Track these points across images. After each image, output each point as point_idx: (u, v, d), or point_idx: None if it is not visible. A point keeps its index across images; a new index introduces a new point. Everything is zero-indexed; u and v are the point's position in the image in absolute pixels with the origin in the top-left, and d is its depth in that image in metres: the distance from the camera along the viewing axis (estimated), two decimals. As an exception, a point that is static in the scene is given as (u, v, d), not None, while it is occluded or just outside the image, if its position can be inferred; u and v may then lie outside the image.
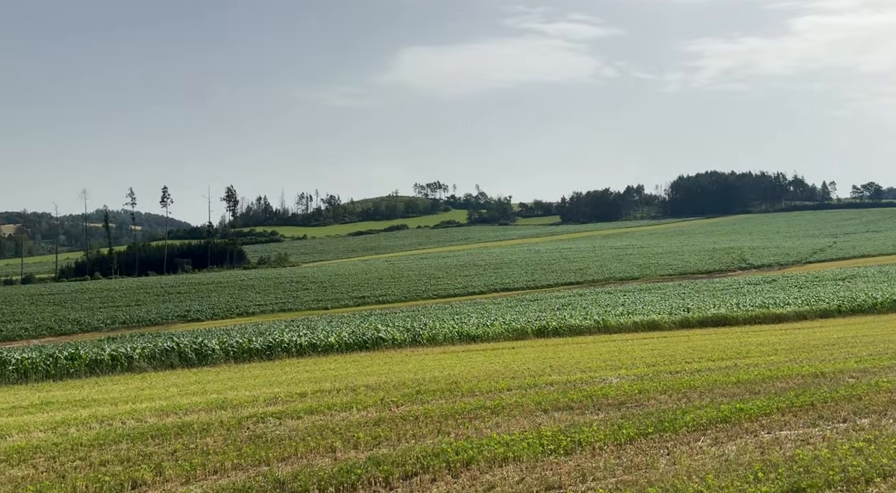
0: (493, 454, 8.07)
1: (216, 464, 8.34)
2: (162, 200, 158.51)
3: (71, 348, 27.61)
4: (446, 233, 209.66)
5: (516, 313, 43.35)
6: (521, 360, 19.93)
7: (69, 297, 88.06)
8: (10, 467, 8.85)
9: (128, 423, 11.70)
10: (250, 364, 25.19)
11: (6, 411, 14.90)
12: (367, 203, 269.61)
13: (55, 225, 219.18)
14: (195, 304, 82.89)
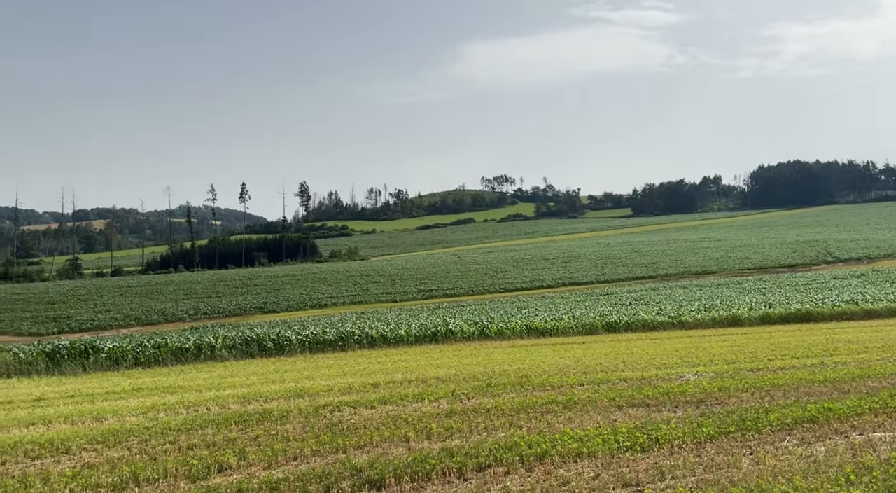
0: (567, 449, 8.00)
1: (296, 450, 8.63)
2: (240, 196, 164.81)
3: (158, 338, 29.18)
4: (513, 226, 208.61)
5: (586, 307, 42.69)
6: (592, 355, 19.64)
7: (155, 289, 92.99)
8: (107, 448, 9.45)
9: (212, 409, 12.28)
10: (324, 354, 25.91)
11: (101, 395, 15.91)
12: (435, 197, 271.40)
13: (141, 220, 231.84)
14: (271, 296, 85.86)
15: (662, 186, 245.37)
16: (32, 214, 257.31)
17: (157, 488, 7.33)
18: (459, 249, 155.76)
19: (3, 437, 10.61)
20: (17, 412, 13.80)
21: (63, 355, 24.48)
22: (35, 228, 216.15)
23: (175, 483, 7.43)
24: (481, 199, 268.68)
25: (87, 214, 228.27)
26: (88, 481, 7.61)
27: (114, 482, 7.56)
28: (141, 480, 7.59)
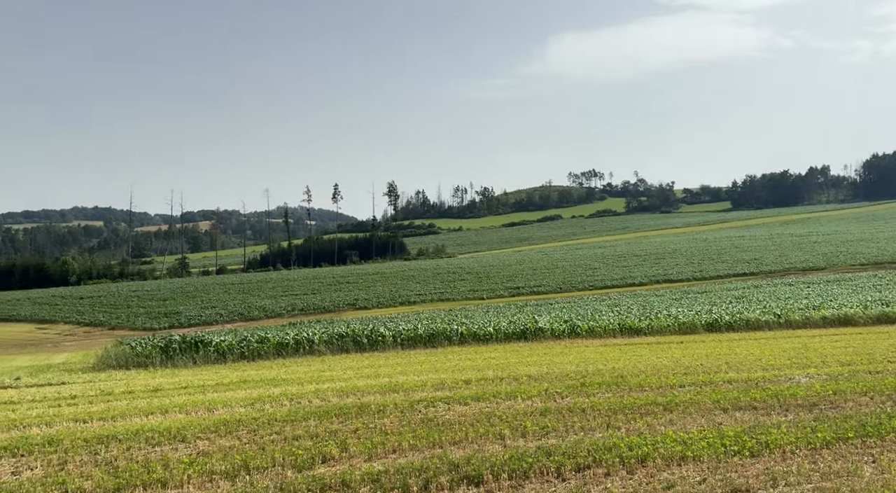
0: (670, 452, 7.74)
1: (394, 444, 8.83)
2: (333, 197, 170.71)
3: (260, 333, 30.66)
4: (602, 222, 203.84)
5: (682, 305, 41.09)
6: (691, 355, 18.88)
7: (255, 286, 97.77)
8: (219, 437, 10.02)
9: (314, 402, 12.76)
10: (415, 351, 26.34)
11: (211, 387, 16.90)
12: (521, 194, 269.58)
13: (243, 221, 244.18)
14: (362, 293, 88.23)
15: (765, 178, 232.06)
16: (145, 217, 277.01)
17: (266, 476, 7.69)
18: (546, 246, 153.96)
19: (126, 424, 11.49)
20: (137, 401, 14.90)
21: (175, 349, 26.20)
22: (147, 230, 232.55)
23: (283, 472, 7.78)
24: (568, 195, 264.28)
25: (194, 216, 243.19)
26: (204, 468, 8.09)
27: (227, 469, 8.01)
28: (251, 468, 8.00)
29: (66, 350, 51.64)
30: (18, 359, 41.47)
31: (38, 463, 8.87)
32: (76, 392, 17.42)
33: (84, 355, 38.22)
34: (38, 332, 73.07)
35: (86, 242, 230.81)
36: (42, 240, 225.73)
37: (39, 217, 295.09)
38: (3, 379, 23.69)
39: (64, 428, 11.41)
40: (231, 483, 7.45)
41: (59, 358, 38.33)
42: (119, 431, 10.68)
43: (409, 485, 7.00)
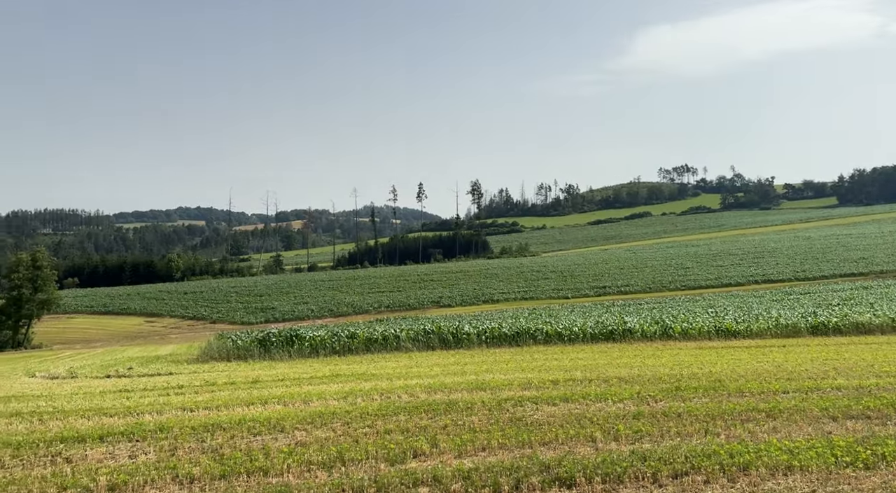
0: (775, 462, 7.34)
1: (483, 442, 8.85)
2: (417, 196, 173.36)
3: (350, 328, 31.56)
4: (695, 219, 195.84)
5: (783, 307, 38.85)
6: (795, 360, 17.82)
7: (344, 283, 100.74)
8: (315, 428, 10.40)
9: (403, 397, 13.01)
10: (500, 349, 26.30)
11: (306, 380, 17.56)
12: (607, 191, 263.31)
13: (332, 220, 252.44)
14: (446, 291, 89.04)
15: (876, 172, 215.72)
16: (243, 216, 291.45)
17: (360, 468, 7.92)
18: (634, 244, 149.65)
19: (229, 414, 12.13)
20: (239, 392, 15.70)
21: (272, 343, 27.43)
22: (245, 229, 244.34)
23: (376, 465, 7.98)
24: (658, 191, 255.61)
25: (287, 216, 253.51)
26: (302, 458, 8.42)
27: (323, 459, 8.30)
28: (346, 460, 8.26)
29: (172, 342, 55.18)
30: (130, 350, 44.69)
31: (151, 448, 9.53)
32: (183, 382, 18.58)
33: (188, 347, 40.66)
34: (146, 325, 78.51)
35: (189, 241, 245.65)
36: (150, 239, 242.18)
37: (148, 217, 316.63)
38: (118, 369, 25.61)
39: (173, 416, 12.20)
40: (328, 474, 7.71)
41: (166, 350, 40.96)
42: (223, 420, 11.29)
43: (500, 484, 7.00)
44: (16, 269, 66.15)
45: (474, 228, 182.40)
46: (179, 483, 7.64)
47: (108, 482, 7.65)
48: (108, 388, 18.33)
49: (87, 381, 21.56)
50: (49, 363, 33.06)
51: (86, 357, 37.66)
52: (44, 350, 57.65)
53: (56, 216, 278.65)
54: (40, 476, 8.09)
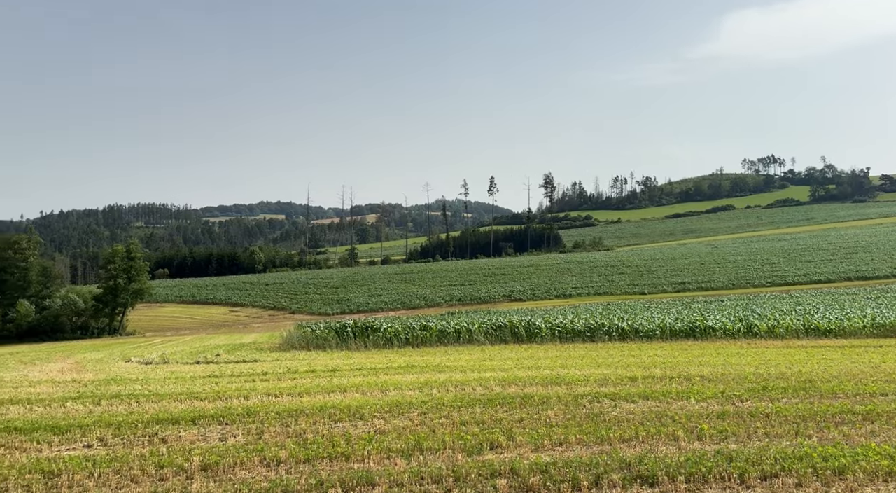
0: (874, 467, 6.93)
1: (560, 437, 8.79)
2: (489, 190, 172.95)
3: (423, 321, 31.95)
4: (782, 213, 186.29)
5: (880, 305, 36.46)
6: (894, 361, 16.72)
7: (416, 276, 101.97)
8: (393, 417, 10.62)
9: (477, 389, 13.08)
10: (573, 344, 25.97)
11: (382, 370, 17.93)
12: (687, 183, 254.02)
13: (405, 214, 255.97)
14: (517, 285, 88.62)
15: None
16: (320, 211, 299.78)
17: (438, 457, 8.03)
18: (716, 238, 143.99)
19: (311, 401, 12.56)
20: (319, 380, 16.21)
21: (349, 333, 28.16)
22: (321, 223, 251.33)
23: (453, 455, 8.07)
24: (742, 183, 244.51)
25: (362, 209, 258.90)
26: (381, 445, 8.63)
27: (402, 448, 8.48)
28: (424, 449, 8.39)
29: (255, 331, 57.55)
30: (216, 338, 46.92)
31: (239, 431, 10.00)
32: (266, 369, 19.37)
33: (270, 335, 42.29)
34: (231, 314, 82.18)
35: (270, 234, 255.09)
36: (234, 232, 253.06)
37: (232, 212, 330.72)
38: (206, 355, 26.96)
39: (259, 401, 12.74)
40: (407, 462, 7.87)
41: (249, 338, 42.74)
42: (305, 406, 11.70)
43: (579, 479, 6.94)
44: (112, 260, 70.59)
45: (546, 221, 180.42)
46: (267, 466, 7.98)
47: (201, 463, 8.08)
48: (198, 373, 19.33)
49: (178, 366, 22.81)
50: (143, 349, 35.17)
51: (176, 344, 39.82)
52: (137, 337, 61.37)
53: (148, 210, 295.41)
54: (139, 455, 8.64)
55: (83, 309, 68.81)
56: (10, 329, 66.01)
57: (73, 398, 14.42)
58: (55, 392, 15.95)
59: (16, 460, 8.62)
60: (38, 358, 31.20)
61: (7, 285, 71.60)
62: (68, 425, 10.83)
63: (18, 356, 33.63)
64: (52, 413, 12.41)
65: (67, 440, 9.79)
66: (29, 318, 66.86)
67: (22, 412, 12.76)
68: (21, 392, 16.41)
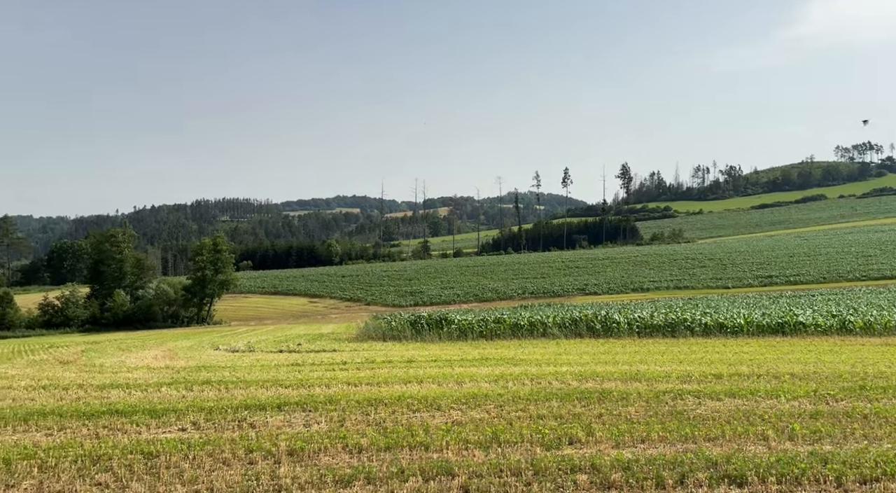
0: None
1: (642, 433, 8.60)
2: (563, 181, 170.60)
3: (496, 314, 31.92)
4: (880, 202, 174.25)
5: None
6: None
7: (488, 269, 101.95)
8: (470, 409, 10.68)
9: (553, 383, 12.96)
10: (653, 339, 25.28)
11: (457, 361, 18.06)
12: (774, 172, 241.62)
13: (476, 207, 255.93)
14: (592, 278, 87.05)
15: None
16: (393, 204, 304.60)
17: (516, 450, 8.02)
18: (806, 230, 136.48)
19: (389, 390, 12.81)
20: (396, 370, 16.52)
21: (423, 325, 28.51)
22: (395, 216, 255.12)
23: (531, 449, 8.04)
24: (835, 171, 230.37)
25: (434, 203, 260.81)
26: (459, 436, 8.70)
27: (479, 439, 8.52)
28: (502, 441, 8.40)
29: (332, 322, 59.20)
30: (297, 328, 48.59)
31: (322, 419, 10.32)
32: (345, 359, 19.90)
33: (346, 326, 43.42)
34: (309, 305, 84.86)
35: (346, 227, 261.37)
36: (312, 225, 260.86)
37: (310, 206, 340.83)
38: (289, 344, 27.98)
39: (339, 390, 13.11)
40: (485, 453, 7.90)
41: (328, 328, 44.02)
42: (384, 395, 11.95)
43: (662, 477, 6.77)
44: (200, 252, 74.23)
45: (622, 213, 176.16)
46: (349, 452, 8.21)
47: (288, 448, 8.40)
48: (281, 362, 20.09)
49: (262, 355, 23.77)
50: (229, 338, 36.86)
51: (260, 333, 41.51)
52: (223, 326, 64.37)
53: (232, 205, 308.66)
54: (230, 439, 9.07)
55: (174, 299, 72.77)
56: (107, 318, 70.65)
57: (168, 384, 15.30)
58: (151, 378, 16.98)
59: (118, 441, 9.24)
60: (133, 345, 33.27)
61: (105, 277, 76.68)
62: (164, 409, 11.50)
63: (116, 343, 35.97)
64: (148, 398, 13.21)
65: (163, 424, 10.40)
66: (124, 307, 71.36)
67: (122, 396, 13.66)
68: (120, 377, 17.57)
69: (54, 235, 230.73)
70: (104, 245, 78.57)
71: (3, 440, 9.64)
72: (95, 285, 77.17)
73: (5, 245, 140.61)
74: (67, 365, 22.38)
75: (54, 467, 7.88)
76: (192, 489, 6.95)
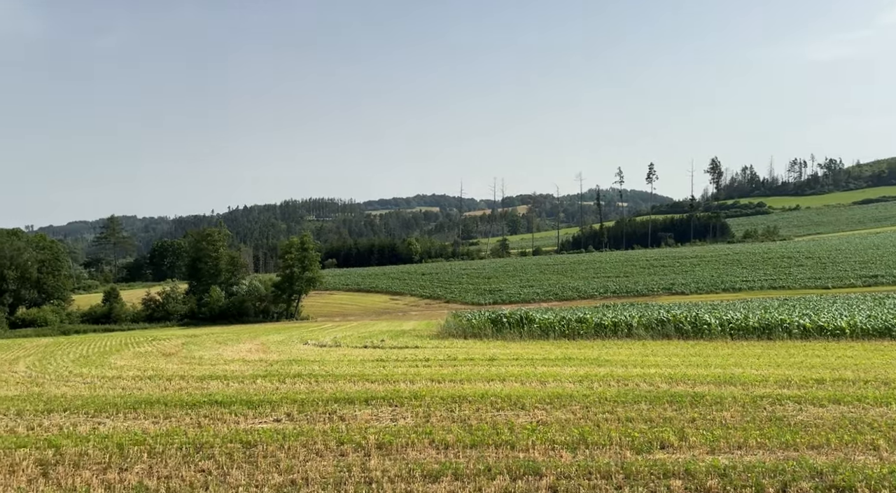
0: None
1: (738, 439, 8.24)
2: (647, 177, 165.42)
3: (579, 313, 31.40)
4: None
5: None
6: None
7: (568, 267, 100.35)
8: (554, 409, 10.57)
9: (641, 386, 12.62)
10: (747, 342, 24.15)
11: (539, 361, 17.91)
12: (879, 165, 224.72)
13: (556, 204, 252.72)
14: (679, 277, 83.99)
15: None
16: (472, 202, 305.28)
17: (605, 453, 7.87)
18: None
19: (472, 388, 12.87)
20: (478, 368, 16.57)
21: (504, 324, 28.44)
22: (473, 214, 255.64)
23: (621, 452, 7.87)
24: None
25: (513, 201, 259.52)
26: (545, 436, 8.63)
27: (566, 440, 8.42)
28: (589, 443, 8.27)
29: (413, 319, 60.05)
30: (379, 324, 49.62)
31: (408, 414, 10.50)
32: (428, 356, 20.16)
33: (427, 324, 43.91)
34: (390, 302, 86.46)
35: (425, 226, 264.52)
36: (393, 224, 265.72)
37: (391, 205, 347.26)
38: (372, 340, 28.63)
39: (424, 386, 13.30)
40: (573, 455, 7.80)
41: (409, 325, 44.68)
42: (468, 393, 12.02)
43: (762, 485, 6.46)
44: (289, 250, 77.09)
45: (712, 209, 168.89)
46: (436, 448, 8.32)
47: (377, 441, 8.61)
48: (366, 357, 20.60)
49: (348, 350, 24.45)
50: (317, 333, 38.12)
51: (345, 329, 42.69)
52: (310, 321, 66.62)
53: (318, 205, 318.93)
54: (322, 431, 9.39)
55: (264, 295, 75.98)
56: (204, 312, 74.62)
57: (262, 376, 16.02)
58: (246, 370, 17.82)
59: (219, 430, 9.75)
60: (229, 339, 35.00)
61: (202, 273, 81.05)
62: (259, 400, 12.05)
63: (213, 337, 37.95)
64: (245, 389, 13.88)
65: (259, 414, 10.89)
66: (220, 302, 75.13)
67: (220, 387, 14.41)
68: (218, 369, 18.54)
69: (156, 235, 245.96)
70: (201, 244, 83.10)
71: (115, 426, 10.39)
72: (193, 282, 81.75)
73: (112, 244, 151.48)
74: (170, 357, 23.83)
75: (162, 453, 8.42)
76: (289, 478, 7.24)
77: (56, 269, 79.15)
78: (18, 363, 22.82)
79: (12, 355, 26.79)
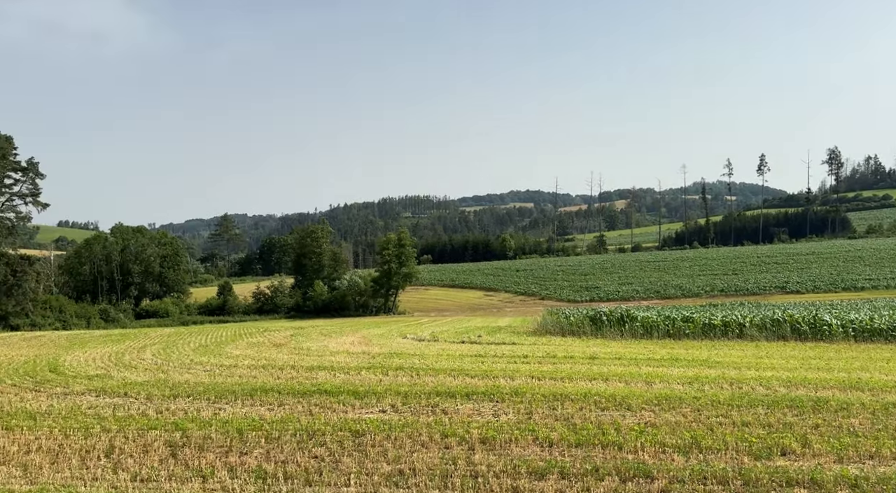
0: None
1: (869, 448, 7.63)
2: (758, 169, 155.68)
3: (684, 312, 30.14)
4: None
5: None
6: None
7: (671, 264, 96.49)
8: (663, 411, 10.20)
9: (757, 389, 11.94)
10: (874, 345, 22.28)
11: (643, 361, 17.35)
12: None
13: (657, 199, 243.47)
14: (793, 275, 78.79)
15: None
16: (567, 198, 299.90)
17: (720, 458, 7.51)
18: None
19: (574, 386, 12.67)
20: (578, 366, 16.28)
21: (604, 321, 27.75)
22: (569, 210, 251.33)
23: (738, 457, 7.49)
24: None
25: (610, 196, 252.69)
26: (654, 438, 8.35)
27: (677, 443, 8.11)
28: (703, 447, 7.92)
29: (507, 315, 59.88)
30: (474, 320, 49.85)
31: (509, 410, 10.49)
32: (526, 352, 20.03)
33: (522, 320, 43.63)
34: (485, 298, 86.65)
35: (519, 222, 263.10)
36: (486, 220, 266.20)
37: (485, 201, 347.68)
38: (469, 336, 28.80)
39: (524, 383, 13.23)
40: (685, 459, 7.51)
41: (503, 321, 44.60)
42: (569, 391, 11.85)
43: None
44: (386, 246, 79.06)
45: (830, 203, 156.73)
46: (540, 446, 8.26)
47: (480, 435, 8.66)
48: (464, 352, 20.76)
49: (446, 345, 24.73)
50: (414, 328, 38.85)
51: (441, 324, 43.24)
52: (407, 316, 68.00)
53: (414, 201, 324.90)
54: (426, 423, 9.56)
55: (363, 290, 78.35)
56: (309, 305, 77.95)
57: (366, 368, 16.52)
58: (351, 362, 18.44)
59: (328, 418, 10.16)
60: (332, 331, 36.35)
61: (306, 268, 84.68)
62: (365, 391, 12.44)
63: (318, 329, 39.55)
64: (351, 380, 14.37)
65: (365, 404, 11.24)
66: (323, 296, 78.23)
67: (328, 377, 15.00)
68: (325, 360, 19.30)
69: (264, 232, 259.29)
70: (306, 240, 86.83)
71: (234, 411, 11.06)
72: (298, 276, 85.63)
73: (226, 240, 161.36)
74: (280, 348, 25.06)
75: (278, 438, 8.88)
76: (396, 468, 7.43)
77: (176, 263, 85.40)
78: (146, 352, 24.78)
79: (140, 344, 29.12)
